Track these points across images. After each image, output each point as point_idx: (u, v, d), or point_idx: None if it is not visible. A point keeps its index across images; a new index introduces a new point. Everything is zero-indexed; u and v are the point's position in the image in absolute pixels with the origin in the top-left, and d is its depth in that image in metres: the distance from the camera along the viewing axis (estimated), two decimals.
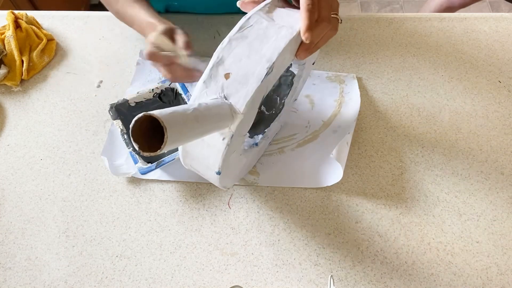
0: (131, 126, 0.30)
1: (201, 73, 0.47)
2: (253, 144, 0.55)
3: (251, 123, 0.44)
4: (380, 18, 0.76)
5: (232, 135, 0.39)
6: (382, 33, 0.74)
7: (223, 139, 0.40)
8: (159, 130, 0.31)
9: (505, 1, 1.73)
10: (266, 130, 0.57)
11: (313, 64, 0.58)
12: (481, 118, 0.64)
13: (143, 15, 0.58)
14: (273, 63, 0.39)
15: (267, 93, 0.43)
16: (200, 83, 0.42)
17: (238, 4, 0.46)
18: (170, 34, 0.53)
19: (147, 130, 0.32)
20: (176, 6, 0.76)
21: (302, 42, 0.43)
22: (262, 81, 0.39)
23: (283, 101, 0.58)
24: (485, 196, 0.57)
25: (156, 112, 0.31)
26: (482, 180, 0.59)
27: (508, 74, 0.69)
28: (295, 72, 0.57)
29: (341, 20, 0.45)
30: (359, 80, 0.69)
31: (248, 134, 0.51)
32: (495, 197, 0.57)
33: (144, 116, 0.30)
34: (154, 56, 0.50)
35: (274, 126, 0.58)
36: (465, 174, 0.59)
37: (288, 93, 0.57)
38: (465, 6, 1.37)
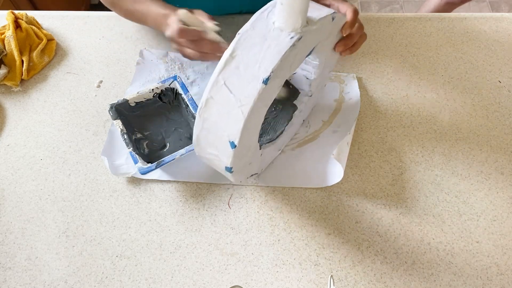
0: None
1: (227, 45, 0.47)
2: (270, 140, 0.56)
3: (275, 95, 0.43)
4: (380, 18, 0.76)
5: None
6: (382, 33, 0.74)
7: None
8: None
9: (505, 1, 1.73)
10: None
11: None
12: (481, 118, 0.64)
13: (156, 8, 0.58)
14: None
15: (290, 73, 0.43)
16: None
17: None
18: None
19: None
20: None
21: (342, 37, 0.48)
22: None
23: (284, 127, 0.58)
24: (485, 196, 0.57)
25: None
26: (482, 180, 0.59)
27: (508, 74, 0.69)
28: (298, 107, 0.58)
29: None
30: (359, 80, 0.69)
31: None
32: (495, 197, 0.57)
33: None
34: (185, 32, 0.51)
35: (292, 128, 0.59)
36: (465, 174, 0.59)
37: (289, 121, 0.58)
38: (465, 2, 1.36)
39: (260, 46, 0.40)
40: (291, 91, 0.59)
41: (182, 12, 0.52)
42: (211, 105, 0.42)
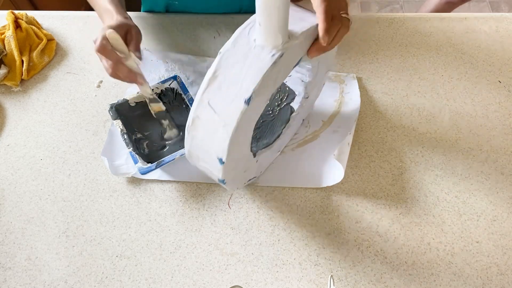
0: None
1: (142, 79, 0.52)
2: (266, 145, 0.56)
3: (261, 110, 0.43)
4: (380, 18, 0.76)
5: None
6: (382, 33, 0.74)
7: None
8: None
9: (505, 1, 1.73)
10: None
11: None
12: (481, 118, 0.64)
13: (103, 0, 0.58)
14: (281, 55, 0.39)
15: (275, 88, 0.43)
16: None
17: None
18: (125, 30, 0.54)
19: None
20: (177, 6, 0.76)
21: (315, 40, 0.44)
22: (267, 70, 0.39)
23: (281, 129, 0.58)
24: (485, 196, 0.57)
25: None
26: (482, 180, 0.59)
27: (508, 74, 0.69)
28: (295, 108, 0.58)
29: (351, 21, 0.45)
30: (359, 80, 0.69)
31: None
32: (495, 197, 0.57)
33: None
34: (103, 51, 0.51)
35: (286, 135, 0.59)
36: (465, 174, 0.59)
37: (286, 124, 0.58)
38: (465, 2, 1.36)
39: (242, 65, 0.39)
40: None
41: (109, 32, 0.51)
42: (197, 124, 0.42)
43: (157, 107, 0.59)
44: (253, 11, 0.41)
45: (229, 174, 0.46)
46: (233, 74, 0.40)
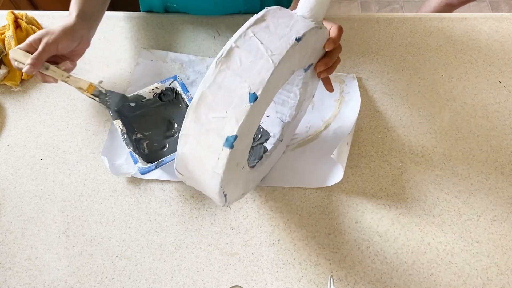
0: None
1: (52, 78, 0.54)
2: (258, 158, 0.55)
3: (289, 75, 0.43)
4: (380, 18, 0.76)
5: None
6: (382, 33, 0.74)
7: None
8: None
9: (505, 1, 1.73)
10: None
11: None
12: (481, 118, 0.64)
13: (72, 2, 0.58)
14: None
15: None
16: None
17: None
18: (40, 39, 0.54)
19: None
20: (175, 8, 0.76)
21: (323, 56, 0.48)
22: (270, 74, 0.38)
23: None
24: (485, 196, 0.57)
25: None
26: (482, 180, 0.59)
27: (508, 74, 0.69)
28: (268, 148, 0.56)
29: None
30: (359, 80, 0.69)
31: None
32: (495, 197, 0.57)
33: None
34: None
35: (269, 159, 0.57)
36: (465, 174, 0.59)
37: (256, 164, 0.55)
38: (464, 4, 1.37)
39: (289, 19, 0.41)
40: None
41: (12, 51, 0.54)
42: (234, 54, 0.38)
43: (86, 84, 0.58)
44: (252, 13, 0.42)
45: (239, 143, 0.39)
46: (281, 21, 0.41)
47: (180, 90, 0.62)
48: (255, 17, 0.41)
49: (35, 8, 1.36)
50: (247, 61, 0.38)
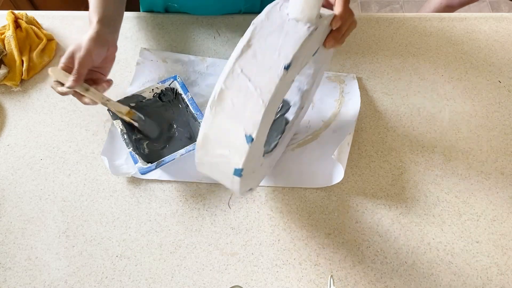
0: None
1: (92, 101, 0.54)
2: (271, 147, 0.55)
3: (288, 89, 0.43)
4: (380, 18, 0.76)
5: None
6: (382, 33, 0.74)
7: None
8: None
9: (506, 1, 1.73)
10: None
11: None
12: (481, 118, 0.64)
13: (91, 5, 0.57)
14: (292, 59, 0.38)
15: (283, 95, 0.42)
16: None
17: None
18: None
19: None
20: (176, 8, 0.76)
21: (331, 31, 0.45)
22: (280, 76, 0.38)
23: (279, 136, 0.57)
24: (485, 196, 0.57)
25: None
26: (482, 180, 0.59)
27: (508, 74, 0.69)
28: (289, 118, 0.57)
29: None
30: (359, 80, 0.69)
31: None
32: (495, 197, 0.57)
33: None
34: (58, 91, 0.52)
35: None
36: (465, 174, 0.59)
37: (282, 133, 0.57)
38: (464, 5, 1.37)
39: (278, 34, 0.39)
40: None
41: (52, 70, 0.53)
42: (225, 96, 0.39)
43: (125, 109, 0.58)
44: (252, 13, 0.41)
45: (248, 164, 0.42)
46: (269, 42, 0.39)
47: (180, 90, 0.62)
48: (241, 44, 0.39)
49: (35, 8, 1.36)
50: (238, 103, 0.38)
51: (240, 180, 0.42)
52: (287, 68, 0.37)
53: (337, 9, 0.43)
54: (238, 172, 0.41)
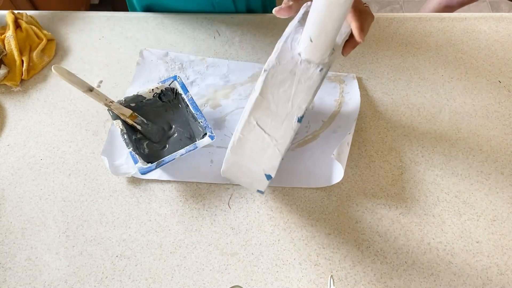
0: None
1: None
2: None
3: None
4: (380, 18, 0.76)
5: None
6: (382, 33, 0.74)
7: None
8: None
9: (506, 1, 1.73)
10: None
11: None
12: (481, 118, 0.64)
13: None
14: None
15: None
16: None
17: (274, 11, 0.44)
18: None
19: None
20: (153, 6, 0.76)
21: (349, 39, 0.44)
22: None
23: None
24: (485, 196, 0.57)
25: None
26: (482, 180, 0.59)
27: (508, 74, 0.69)
28: None
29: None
30: (359, 80, 0.69)
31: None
32: (495, 197, 0.57)
33: None
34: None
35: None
36: (465, 174, 0.59)
37: None
38: (464, 5, 1.37)
39: (290, 82, 0.39)
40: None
41: (55, 67, 0.50)
42: (243, 143, 0.42)
43: (128, 112, 0.58)
44: (250, 11, 0.41)
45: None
46: (282, 92, 0.39)
47: (180, 90, 0.62)
48: (255, 95, 0.40)
49: (35, 8, 1.36)
50: (257, 149, 0.42)
51: (262, 193, 0.51)
52: (300, 120, 0.39)
53: (354, 25, 0.40)
54: (261, 192, 0.49)
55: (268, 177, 0.43)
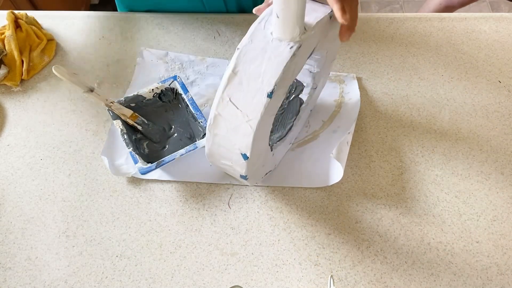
0: None
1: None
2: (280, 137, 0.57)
3: (279, 103, 0.44)
4: (380, 18, 0.76)
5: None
6: (382, 33, 0.74)
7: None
8: None
9: (505, 1, 1.73)
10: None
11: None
12: (481, 118, 0.64)
13: None
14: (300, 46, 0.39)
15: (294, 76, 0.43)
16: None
17: (254, 11, 0.45)
18: None
19: None
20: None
21: (340, 24, 0.44)
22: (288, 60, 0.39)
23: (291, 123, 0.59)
24: (485, 196, 0.57)
25: None
26: (482, 180, 0.59)
27: (508, 74, 0.69)
28: (304, 99, 0.59)
29: None
30: (359, 80, 0.69)
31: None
32: (495, 197, 0.57)
33: None
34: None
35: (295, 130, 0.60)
36: (465, 174, 0.59)
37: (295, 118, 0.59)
38: (464, 5, 1.37)
39: (261, 59, 0.40)
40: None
41: (55, 67, 0.50)
42: (219, 121, 0.43)
43: (129, 113, 0.58)
44: (243, 11, 0.41)
45: (251, 169, 0.47)
46: (253, 69, 0.40)
47: (180, 90, 0.62)
48: (228, 72, 0.41)
49: (35, 8, 1.36)
50: (231, 127, 0.42)
51: (248, 180, 0.49)
52: (270, 96, 0.39)
53: (334, 7, 0.40)
54: (244, 177, 0.47)
55: (244, 156, 0.43)
